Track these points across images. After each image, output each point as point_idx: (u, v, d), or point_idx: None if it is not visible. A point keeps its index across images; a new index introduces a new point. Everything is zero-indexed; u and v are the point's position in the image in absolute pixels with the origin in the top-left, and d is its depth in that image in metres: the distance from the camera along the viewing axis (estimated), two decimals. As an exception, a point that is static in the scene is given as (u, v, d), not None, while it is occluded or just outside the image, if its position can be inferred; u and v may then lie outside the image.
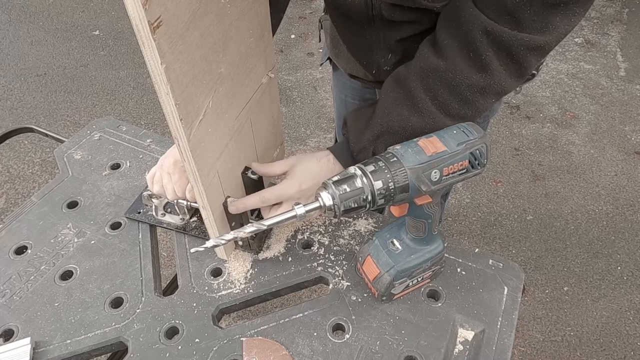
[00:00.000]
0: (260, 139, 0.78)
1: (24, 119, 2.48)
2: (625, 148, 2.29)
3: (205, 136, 0.59)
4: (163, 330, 0.70)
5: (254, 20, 0.64)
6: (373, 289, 0.70)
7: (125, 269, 0.78)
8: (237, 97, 0.66)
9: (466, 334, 0.68)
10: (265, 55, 0.71)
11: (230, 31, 0.58)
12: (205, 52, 0.54)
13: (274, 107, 0.81)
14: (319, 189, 0.55)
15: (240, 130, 0.69)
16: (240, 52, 0.63)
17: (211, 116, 0.59)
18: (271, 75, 0.75)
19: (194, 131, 0.56)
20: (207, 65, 0.55)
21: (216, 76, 0.58)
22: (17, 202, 2.06)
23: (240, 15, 0.60)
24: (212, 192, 0.65)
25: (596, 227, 1.94)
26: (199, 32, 0.51)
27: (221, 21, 0.56)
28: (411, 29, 0.70)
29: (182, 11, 0.48)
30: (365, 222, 0.84)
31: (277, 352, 0.66)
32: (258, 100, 0.73)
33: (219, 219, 0.70)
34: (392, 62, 0.78)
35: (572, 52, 2.94)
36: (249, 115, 0.71)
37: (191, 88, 0.53)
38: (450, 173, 0.58)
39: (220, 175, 0.66)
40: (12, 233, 0.84)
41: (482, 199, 2.07)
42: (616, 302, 1.70)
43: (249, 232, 0.56)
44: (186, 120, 0.53)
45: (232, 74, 0.62)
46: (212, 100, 0.58)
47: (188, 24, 0.49)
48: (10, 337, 0.70)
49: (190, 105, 0.54)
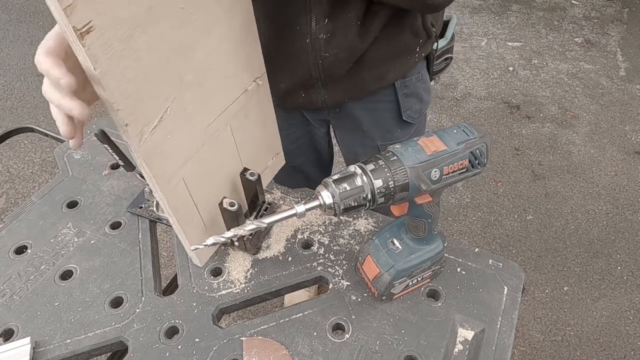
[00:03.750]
0: (247, 146, 0.76)
1: (24, 119, 2.48)
2: (625, 148, 2.29)
3: (163, 142, 0.57)
4: (163, 330, 0.70)
5: (232, 25, 0.63)
6: (373, 288, 0.70)
7: (125, 269, 0.78)
8: (209, 103, 0.64)
9: (466, 333, 0.68)
10: (251, 61, 0.70)
11: (196, 37, 0.57)
12: (160, 58, 0.52)
13: (267, 115, 0.79)
14: (319, 188, 0.55)
15: (216, 137, 0.68)
16: (211, 58, 0.61)
17: (171, 122, 0.58)
18: (259, 83, 0.73)
19: (145, 137, 0.54)
20: (163, 71, 0.54)
21: (177, 82, 0.57)
22: (17, 202, 2.06)
23: (210, 21, 0.58)
24: (176, 199, 0.63)
25: (596, 227, 1.94)
26: (148, 38, 0.50)
27: (182, 26, 0.54)
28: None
29: (124, 16, 0.46)
30: (365, 222, 0.84)
31: (277, 352, 0.66)
32: (243, 107, 0.71)
33: (187, 225, 0.68)
34: (329, 28, 0.77)
35: (572, 51, 2.94)
36: (228, 122, 0.69)
37: (140, 94, 0.51)
38: (450, 172, 0.58)
39: (188, 181, 0.65)
40: (12, 233, 0.84)
41: (482, 199, 2.07)
42: (616, 302, 1.70)
43: (249, 230, 0.56)
44: (134, 125, 0.52)
45: (201, 81, 0.61)
46: (172, 106, 0.57)
47: (133, 29, 0.47)
48: (10, 336, 0.70)
49: (138, 111, 0.52)
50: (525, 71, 2.80)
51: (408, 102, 0.94)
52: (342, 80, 0.84)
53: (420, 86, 0.94)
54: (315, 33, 0.77)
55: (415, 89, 0.93)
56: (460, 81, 2.74)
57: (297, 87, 0.86)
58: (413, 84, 0.92)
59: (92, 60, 0.45)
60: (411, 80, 0.91)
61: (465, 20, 3.28)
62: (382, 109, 0.94)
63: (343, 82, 0.85)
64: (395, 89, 0.91)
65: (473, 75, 2.79)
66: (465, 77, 2.77)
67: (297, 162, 1.11)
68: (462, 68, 2.84)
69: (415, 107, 0.96)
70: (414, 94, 0.94)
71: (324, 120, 1.01)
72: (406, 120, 0.96)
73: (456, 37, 3.09)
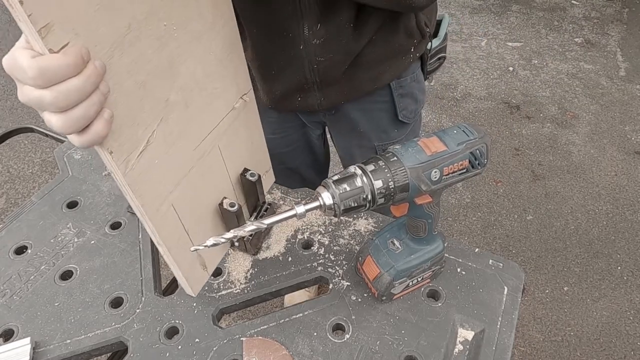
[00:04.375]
0: (236, 166, 0.73)
1: (24, 119, 2.49)
2: (625, 148, 2.29)
3: (150, 168, 0.54)
4: (163, 330, 0.70)
5: (216, 41, 0.60)
6: (373, 288, 0.70)
7: (125, 269, 0.78)
8: (196, 124, 0.61)
9: (466, 333, 0.68)
10: (237, 77, 0.67)
11: (180, 55, 0.54)
12: (143, 80, 0.50)
13: (254, 133, 0.76)
14: (319, 188, 0.55)
15: (205, 159, 0.65)
16: (196, 76, 0.58)
17: (158, 146, 0.55)
18: (246, 99, 0.71)
19: (131, 164, 0.51)
20: (146, 93, 0.51)
21: (162, 104, 0.54)
22: (17, 202, 2.06)
23: (193, 37, 0.56)
24: (166, 227, 0.60)
25: (596, 227, 1.94)
26: (129, 59, 0.47)
27: (165, 45, 0.51)
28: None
29: (102, 37, 0.43)
30: (365, 222, 0.84)
31: (277, 352, 0.66)
32: (230, 125, 0.68)
33: (179, 253, 0.65)
34: (322, 33, 0.76)
35: (572, 52, 2.94)
36: (217, 143, 0.67)
37: (123, 119, 0.48)
38: (451, 173, 0.58)
39: (177, 207, 0.61)
40: (12, 233, 0.84)
41: (482, 199, 2.07)
42: (616, 302, 1.70)
43: (249, 231, 0.56)
44: (118, 153, 0.49)
45: (187, 100, 0.58)
46: (158, 130, 0.54)
47: (112, 51, 0.45)
48: (10, 337, 0.70)
49: (122, 136, 0.49)
50: (525, 71, 2.80)
51: (403, 102, 0.94)
52: (337, 83, 0.84)
53: (415, 86, 0.94)
54: (308, 39, 0.77)
55: (411, 89, 0.94)
56: (460, 81, 2.74)
57: (292, 91, 0.86)
58: (408, 84, 0.92)
59: None
60: (406, 81, 0.92)
61: (465, 20, 3.28)
62: (377, 109, 0.94)
63: (339, 84, 0.85)
64: (391, 90, 0.91)
65: (473, 75, 2.79)
66: (465, 77, 2.77)
67: (293, 165, 1.11)
68: (462, 68, 2.84)
69: (410, 107, 0.96)
70: (409, 94, 0.94)
71: (319, 122, 1.02)
72: (402, 120, 0.96)
73: (456, 37, 3.10)
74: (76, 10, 0.40)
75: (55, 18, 0.38)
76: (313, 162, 1.15)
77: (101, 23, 0.43)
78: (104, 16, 0.43)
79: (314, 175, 1.18)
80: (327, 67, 0.81)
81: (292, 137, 1.04)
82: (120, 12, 0.45)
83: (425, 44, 0.90)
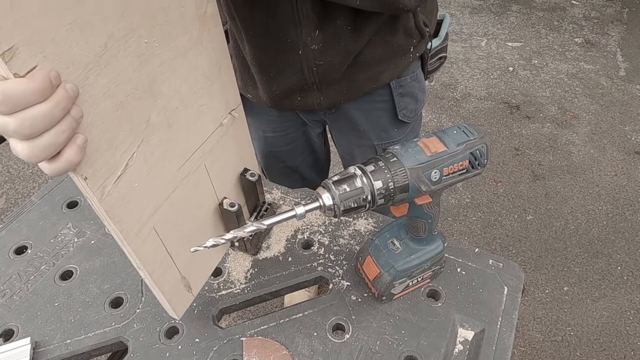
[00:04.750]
0: (223, 183, 0.70)
1: (24, 119, 2.48)
2: (625, 148, 2.29)
3: (129, 192, 0.51)
4: (163, 330, 0.70)
5: (202, 56, 0.57)
6: (373, 288, 0.70)
7: (125, 269, 0.78)
8: (180, 143, 0.58)
9: (466, 333, 0.68)
10: (225, 92, 0.64)
11: (162, 73, 0.51)
12: (121, 100, 0.46)
13: (243, 148, 0.73)
14: (319, 189, 0.55)
15: (190, 179, 0.61)
16: (181, 94, 0.55)
17: (138, 169, 0.51)
18: (235, 115, 0.67)
19: (108, 189, 0.48)
20: (124, 115, 0.47)
21: (142, 125, 0.50)
22: (17, 202, 2.06)
23: (178, 54, 0.52)
24: (147, 251, 0.57)
25: (596, 227, 1.94)
26: (106, 80, 0.44)
27: (146, 63, 0.48)
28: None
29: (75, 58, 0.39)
30: (365, 222, 0.84)
31: (277, 352, 0.66)
32: (217, 142, 0.65)
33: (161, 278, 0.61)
34: (320, 39, 0.76)
35: (572, 52, 2.94)
36: (203, 162, 0.63)
37: (98, 143, 0.45)
38: (451, 173, 0.58)
39: (159, 230, 0.58)
40: (12, 233, 0.84)
41: (482, 199, 2.07)
42: (616, 302, 1.70)
43: (249, 232, 0.56)
44: (94, 179, 0.45)
45: (170, 120, 0.54)
46: (138, 152, 0.51)
47: (86, 72, 0.41)
48: (10, 337, 0.70)
49: (98, 162, 0.46)
50: (525, 71, 2.80)
51: (403, 101, 0.94)
52: (337, 83, 0.85)
53: (415, 85, 0.94)
54: (307, 44, 0.77)
55: (411, 89, 0.94)
56: (460, 81, 2.74)
57: (292, 91, 0.86)
58: (408, 84, 0.93)
59: None
60: (406, 80, 0.92)
61: (465, 20, 3.29)
62: (377, 108, 0.94)
63: (338, 84, 0.85)
64: (391, 89, 0.91)
65: (473, 75, 2.79)
66: (465, 77, 2.77)
67: (294, 163, 1.11)
68: (462, 68, 2.84)
69: (410, 107, 0.96)
70: (409, 94, 0.94)
71: (319, 120, 1.02)
72: (402, 119, 0.96)
73: (456, 37, 3.10)
74: (45, 31, 0.36)
75: (20, 40, 0.35)
76: (313, 162, 1.15)
77: (74, 43, 0.39)
78: (77, 35, 0.39)
79: (314, 175, 1.18)
80: (326, 69, 0.81)
81: (292, 135, 1.04)
82: (95, 30, 0.41)
83: (425, 43, 0.90)
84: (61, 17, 0.38)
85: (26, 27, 0.35)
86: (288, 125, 1.02)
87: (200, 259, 0.70)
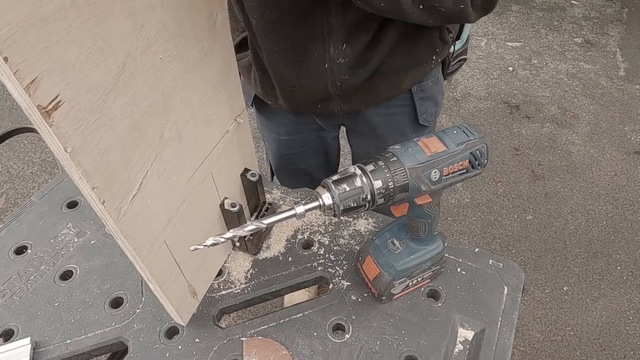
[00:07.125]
0: (227, 187, 0.70)
1: (24, 118, 2.48)
2: (625, 148, 2.29)
3: (143, 210, 0.51)
4: (163, 330, 0.70)
5: (211, 67, 0.58)
6: (373, 288, 0.70)
7: (125, 269, 0.78)
8: (189, 155, 0.58)
9: (466, 333, 0.68)
10: (230, 100, 0.64)
11: (175, 87, 0.51)
12: (138, 119, 0.46)
13: (247, 152, 0.74)
14: (319, 188, 0.55)
15: (198, 189, 0.62)
16: (191, 106, 0.56)
17: (152, 186, 0.52)
18: (240, 121, 0.68)
19: (124, 210, 0.48)
20: (140, 134, 0.47)
21: (156, 142, 0.50)
22: (17, 202, 2.06)
23: (188, 67, 0.53)
24: (158, 265, 0.57)
25: (596, 227, 1.94)
26: (124, 100, 0.44)
27: (160, 79, 0.48)
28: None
29: (95, 82, 0.39)
30: (365, 222, 0.84)
31: (277, 352, 0.66)
32: (223, 150, 0.66)
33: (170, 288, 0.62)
34: (347, 52, 0.76)
35: (572, 52, 2.94)
36: (210, 170, 0.63)
37: (116, 164, 0.45)
38: (450, 173, 0.58)
39: (170, 243, 0.58)
40: (12, 233, 0.84)
41: (482, 199, 2.07)
42: (616, 302, 1.70)
43: (249, 231, 0.56)
44: (111, 201, 0.45)
45: (181, 133, 0.55)
46: (152, 169, 0.51)
47: (106, 94, 0.41)
48: (10, 337, 0.70)
49: (116, 184, 0.45)
50: (525, 71, 2.80)
51: (424, 105, 0.94)
52: (358, 91, 0.84)
53: (436, 89, 0.94)
54: (333, 58, 0.77)
55: (432, 92, 0.93)
56: (460, 81, 2.74)
57: (313, 102, 0.86)
58: (429, 88, 0.92)
59: (62, 139, 0.37)
60: (427, 84, 0.91)
61: (465, 20, 3.28)
62: (398, 113, 0.94)
63: (359, 93, 0.85)
64: (412, 94, 0.91)
65: (473, 75, 2.79)
66: (465, 77, 2.77)
67: (304, 165, 1.10)
68: (462, 68, 2.84)
69: (430, 110, 0.96)
70: (430, 97, 0.94)
71: (337, 124, 1.01)
72: (422, 123, 0.96)
73: (456, 37, 3.10)
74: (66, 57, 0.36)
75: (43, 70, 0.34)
76: (325, 163, 1.15)
77: (94, 67, 0.39)
78: (96, 58, 0.39)
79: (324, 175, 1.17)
80: (349, 82, 0.81)
81: (307, 138, 1.04)
82: (114, 51, 0.41)
83: (448, 49, 0.90)
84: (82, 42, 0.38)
85: (49, 57, 0.34)
86: (304, 129, 1.01)
87: (206, 265, 0.70)
